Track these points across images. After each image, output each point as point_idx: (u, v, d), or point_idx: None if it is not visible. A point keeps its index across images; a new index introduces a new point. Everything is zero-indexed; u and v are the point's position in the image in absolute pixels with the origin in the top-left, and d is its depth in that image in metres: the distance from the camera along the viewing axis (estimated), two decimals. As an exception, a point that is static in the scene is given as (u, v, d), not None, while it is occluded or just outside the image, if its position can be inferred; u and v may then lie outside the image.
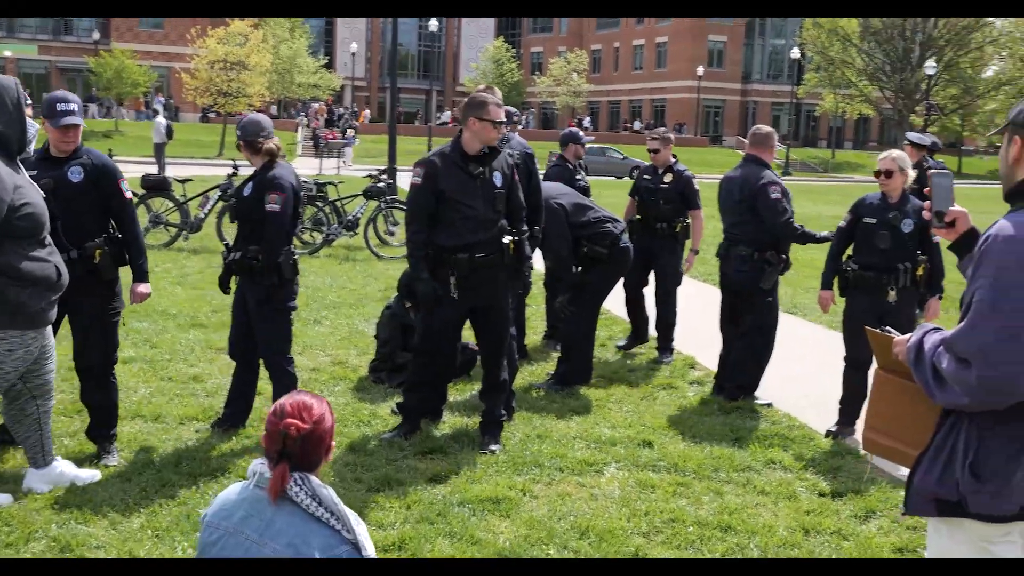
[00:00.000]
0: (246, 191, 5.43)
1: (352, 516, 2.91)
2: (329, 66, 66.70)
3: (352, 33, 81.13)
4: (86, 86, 56.30)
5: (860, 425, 5.65)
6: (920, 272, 6.29)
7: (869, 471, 5.60)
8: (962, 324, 2.63)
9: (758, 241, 6.95)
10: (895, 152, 6.43)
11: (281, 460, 2.82)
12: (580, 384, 7.17)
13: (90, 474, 4.88)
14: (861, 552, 4.55)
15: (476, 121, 5.59)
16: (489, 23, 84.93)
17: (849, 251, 6.49)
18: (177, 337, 8.11)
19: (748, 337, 7.09)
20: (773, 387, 7.20)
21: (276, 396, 5.55)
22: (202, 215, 13.88)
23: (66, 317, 5.16)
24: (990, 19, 58.19)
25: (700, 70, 65.45)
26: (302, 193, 5.59)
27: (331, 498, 2.88)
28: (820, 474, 5.59)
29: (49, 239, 4.46)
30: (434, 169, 5.60)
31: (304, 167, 38.52)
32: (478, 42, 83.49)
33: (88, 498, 4.61)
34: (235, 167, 13.79)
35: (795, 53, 56.60)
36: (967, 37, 56.69)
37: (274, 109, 64.05)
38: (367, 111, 65.38)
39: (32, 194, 4.36)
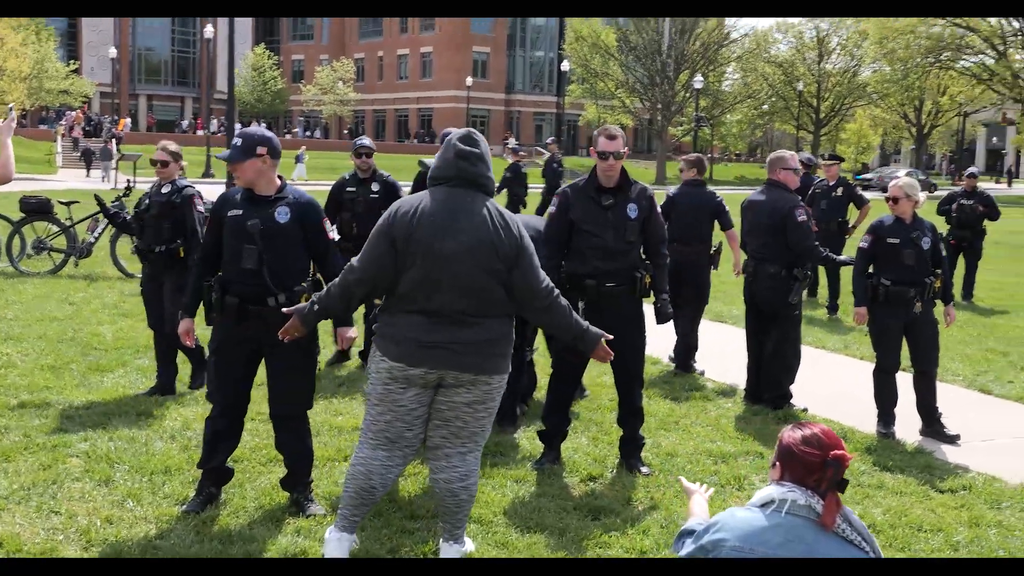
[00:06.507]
0: None
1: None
2: (76, 71, 62.78)
3: (99, 36, 76.77)
4: None
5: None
6: (938, 284, 7.07)
7: None
8: None
9: (786, 260, 7.51)
10: (902, 180, 7.17)
11: (831, 488, 3.00)
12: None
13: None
14: (1038, 540, 5.12)
15: (594, 151, 5.83)
16: (247, 29, 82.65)
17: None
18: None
19: (779, 350, 7.63)
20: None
21: None
22: (91, 239, 13.01)
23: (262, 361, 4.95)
24: (735, 37, 62.95)
25: (469, 80, 66.68)
26: None
27: (860, 522, 3.08)
28: (921, 472, 6.14)
29: None
30: (567, 200, 5.85)
31: (73, 180, 36.17)
32: (236, 48, 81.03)
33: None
34: (129, 185, 12.96)
35: (565, 66, 58.77)
36: (716, 54, 60.97)
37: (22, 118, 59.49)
38: (127, 119, 62.09)
39: None
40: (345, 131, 74.82)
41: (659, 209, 5.95)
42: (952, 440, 6.90)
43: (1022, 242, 23.29)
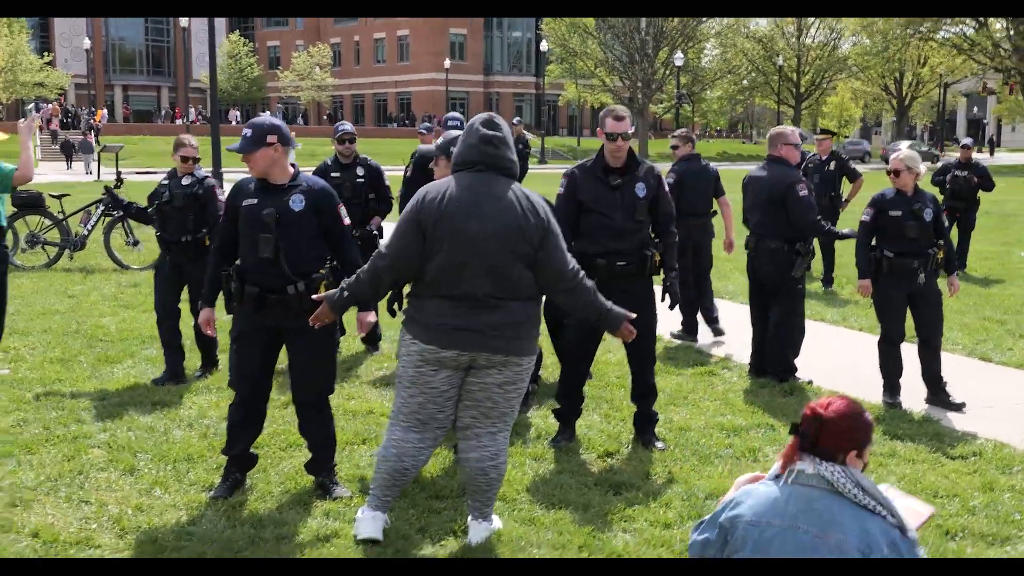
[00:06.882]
0: None
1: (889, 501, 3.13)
2: (50, 63, 62.21)
3: (72, 28, 76.01)
4: None
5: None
6: (941, 255, 7.15)
7: None
8: None
9: (787, 235, 7.57)
10: (903, 153, 7.23)
11: (793, 434, 3.07)
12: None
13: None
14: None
15: (601, 132, 5.87)
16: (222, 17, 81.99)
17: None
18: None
19: (783, 324, 7.70)
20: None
21: None
22: (85, 232, 12.97)
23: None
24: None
25: (447, 63, 66.47)
26: None
27: (874, 486, 3.08)
28: (931, 440, 6.23)
29: None
30: (575, 181, 5.89)
31: (54, 173, 35.88)
32: (209, 37, 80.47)
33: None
34: (120, 177, 12.94)
35: (544, 46, 58.62)
36: (695, 30, 60.88)
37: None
38: (104, 111, 61.56)
39: None
40: (324, 117, 74.48)
41: (667, 187, 6.00)
42: (958, 408, 7.00)
43: (1009, 211, 23.47)
